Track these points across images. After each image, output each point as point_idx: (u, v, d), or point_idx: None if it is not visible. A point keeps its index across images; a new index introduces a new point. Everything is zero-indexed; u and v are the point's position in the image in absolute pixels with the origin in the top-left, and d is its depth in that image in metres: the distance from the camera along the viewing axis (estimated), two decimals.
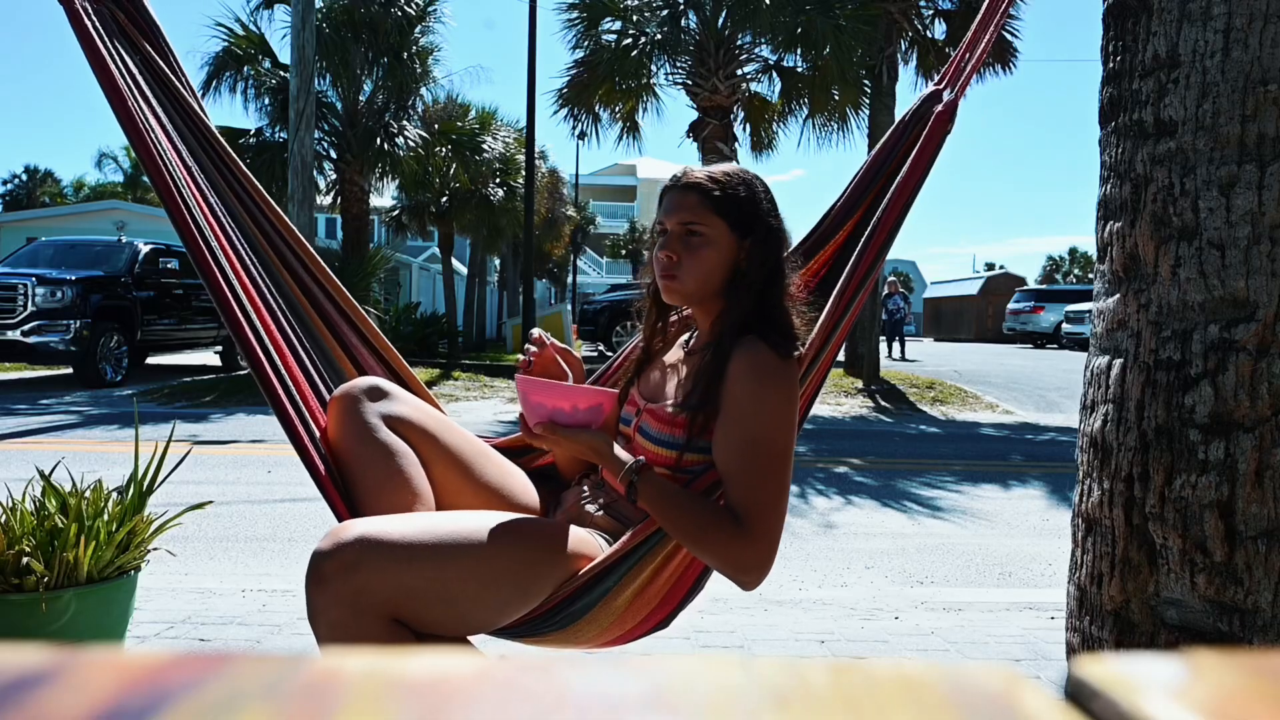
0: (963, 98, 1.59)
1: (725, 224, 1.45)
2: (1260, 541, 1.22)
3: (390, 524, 1.25)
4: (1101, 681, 0.23)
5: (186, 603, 2.78)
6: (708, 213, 1.44)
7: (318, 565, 1.19)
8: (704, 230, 1.44)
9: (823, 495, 4.80)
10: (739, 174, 1.49)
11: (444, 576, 1.24)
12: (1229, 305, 1.25)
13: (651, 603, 1.44)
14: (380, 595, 1.20)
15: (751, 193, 1.47)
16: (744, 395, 1.37)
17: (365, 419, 1.46)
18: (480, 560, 1.28)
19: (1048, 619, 2.81)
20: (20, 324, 9.02)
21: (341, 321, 1.79)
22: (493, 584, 1.29)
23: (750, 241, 1.46)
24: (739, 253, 1.46)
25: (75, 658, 0.23)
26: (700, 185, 1.45)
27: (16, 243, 15.30)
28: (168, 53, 1.78)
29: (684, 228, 1.44)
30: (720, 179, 1.45)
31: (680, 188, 1.47)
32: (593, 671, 0.23)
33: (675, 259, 1.44)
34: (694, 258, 1.44)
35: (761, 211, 1.47)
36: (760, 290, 1.46)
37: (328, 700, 0.21)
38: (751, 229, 1.46)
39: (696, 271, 1.44)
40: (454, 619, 1.29)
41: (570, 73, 11.54)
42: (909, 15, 11.27)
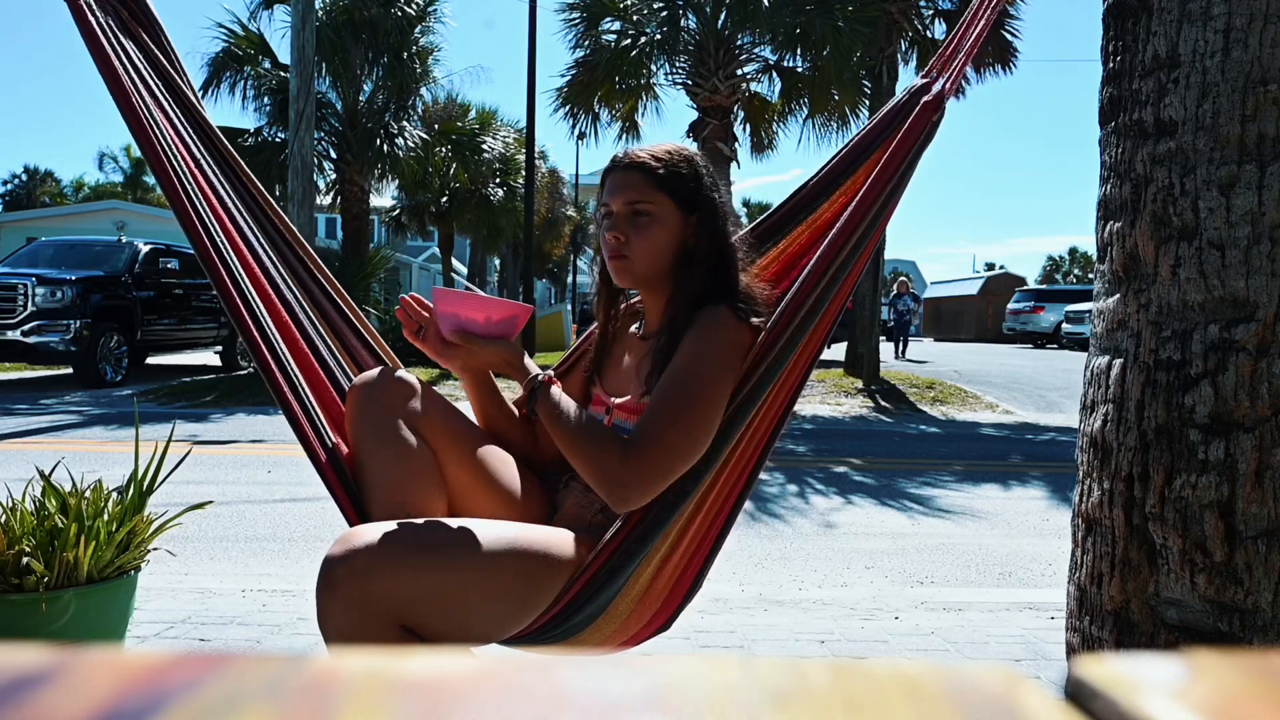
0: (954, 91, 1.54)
1: (671, 201, 1.44)
2: (1260, 541, 1.22)
3: (401, 532, 1.25)
4: (1101, 681, 0.23)
5: (186, 603, 2.78)
6: (653, 191, 1.43)
7: (329, 570, 1.20)
8: (651, 209, 1.43)
9: (823, 495, 4.80)
10: (680, 151, 1.49)
11: (450, 586, 1.25)
12: (1229, 305, 1.25)
13: (654, 606, 1.44)
14: (388, 602, 1.20)
15: (694, 169, 1.47)
16: (687, 340, 1.39)
17: (384, 415, 1.43)
18: (485, 571, 1.28)
19: (1048, 619, 2.80)
20: (20, 324, 9.02)
21: (341, 323, 1.79)
22: (497, 595, 1.29)
23: (697, 218, 1.46)
24: (686, 229, 1.46)
25: (75, 658, 0.23)
26: (644, 164, 1.44)
27: (16, 243, 15.30)
28: (169, 50, 1.79)
29: (630, 207, 1.44)
30: (663, 157, 1.45)
31: (623, 168, 1.46)
32: (593, 671, 0.23)
33: (624, 239, 1.44)
34: (643, 237, 1.43)
35: (705, 187, 1.47)
36: (713, 267, 1.46)
37: (328, 700, 0.21)
38: (697, 205, 1.46)
39: (646, 251, 1.44)
40: (458, 627, 1.29)
41: (570, 73, 11.54)
42: (909, 15, 11.28)
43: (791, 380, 1.46)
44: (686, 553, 1.42)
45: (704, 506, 1.39)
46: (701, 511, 1.39)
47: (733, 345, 1.38)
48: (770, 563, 3.42)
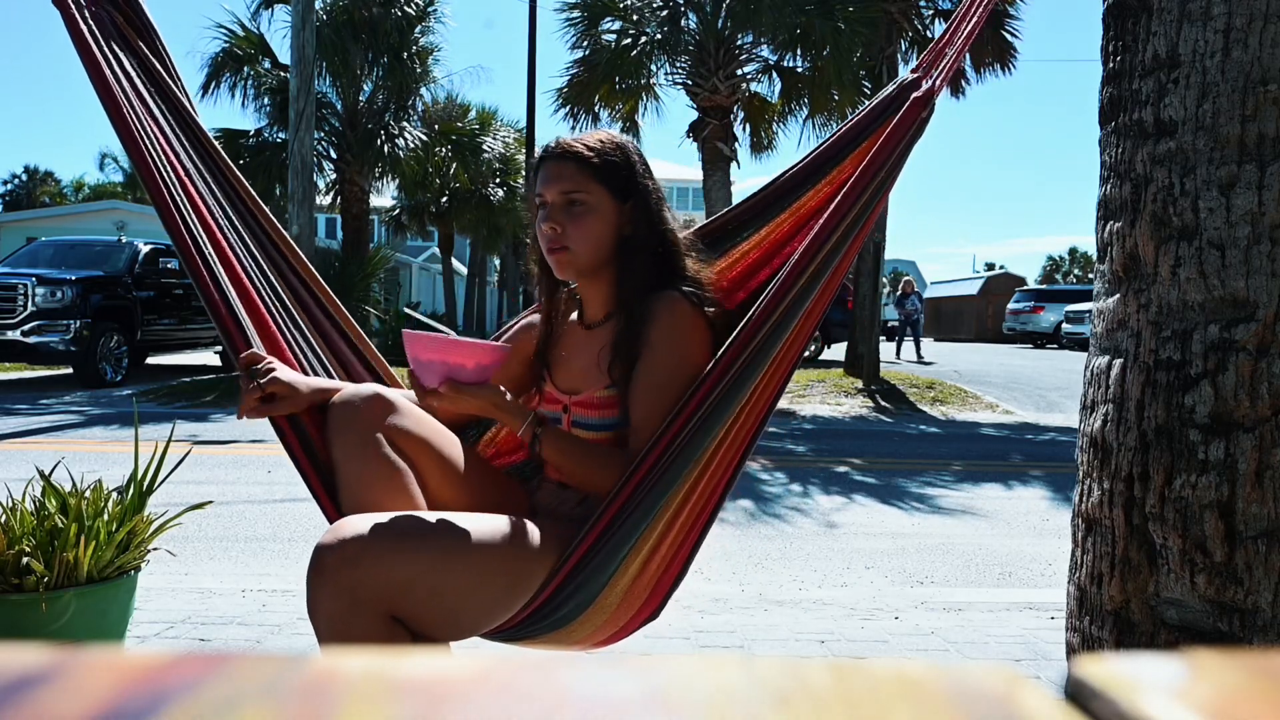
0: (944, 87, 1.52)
1: (606, 189, 1.44)
2: (1260, 541, 1.22)
3: (391, 522, 1.27)
4: (1101, 681, 0.23)
5: (186, 603, 2.78)
6: (587, 180, 1.43)
7: (319, 558, 1.21)
8: (586, 198, 1.43)
9: (823, 495, 4.80)
10: (613, 139, 1.49)
11: (438, 574, 1.26)
12: (1229, 305, 1.25)
13: (642, 595, 1.44)
14: (378, 589, 1.21)
15: (627, 157, 1.47)
16: (660, 341, 1.40)
17: (367, 434, 1.42)
18: (472, 560, 1.29)
19: (1048, 619, 2.81)
20: (20, 324, 9.02)
21: (332, 330, 1.79)
22: (484, 583, 1.30)
23: (632, 204, 1.46)
24: (622, 217, 1.46)
25: (75, 658, 0.23)
26: (577, 153, 1.44)
27: (16, 243, 15.30)
28: (164, 55, 1.78)
29: (565, 197, 1.44)
30: (595, 146, 1.45)
31: (556, 157, 1.46)
32: (593, 671, 0.23)
33: (560, 230, 1.43)
34: (578, 225, 1.43)
35: (638, 174, 1.47)
36: (654, 252, 1.46)
37: (327, 700, 0.21)
38: (631, 193, 1.46)
39: (584, 240, 1.43)
40: (446, 615, 1.30)
41: (570, 72, 11.53)
42: (909, 15, 11.28)
43: (781, 368, 1.44)
44: (674, 544, 1.42)
45: (691, 498, 1.39)
46: (689, 503, 1.39)
47: (701, 335, 1.43)
48: (770, 563, 3.42)
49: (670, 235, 1.50)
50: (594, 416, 1.47)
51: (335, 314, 1.80)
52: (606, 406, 1.46)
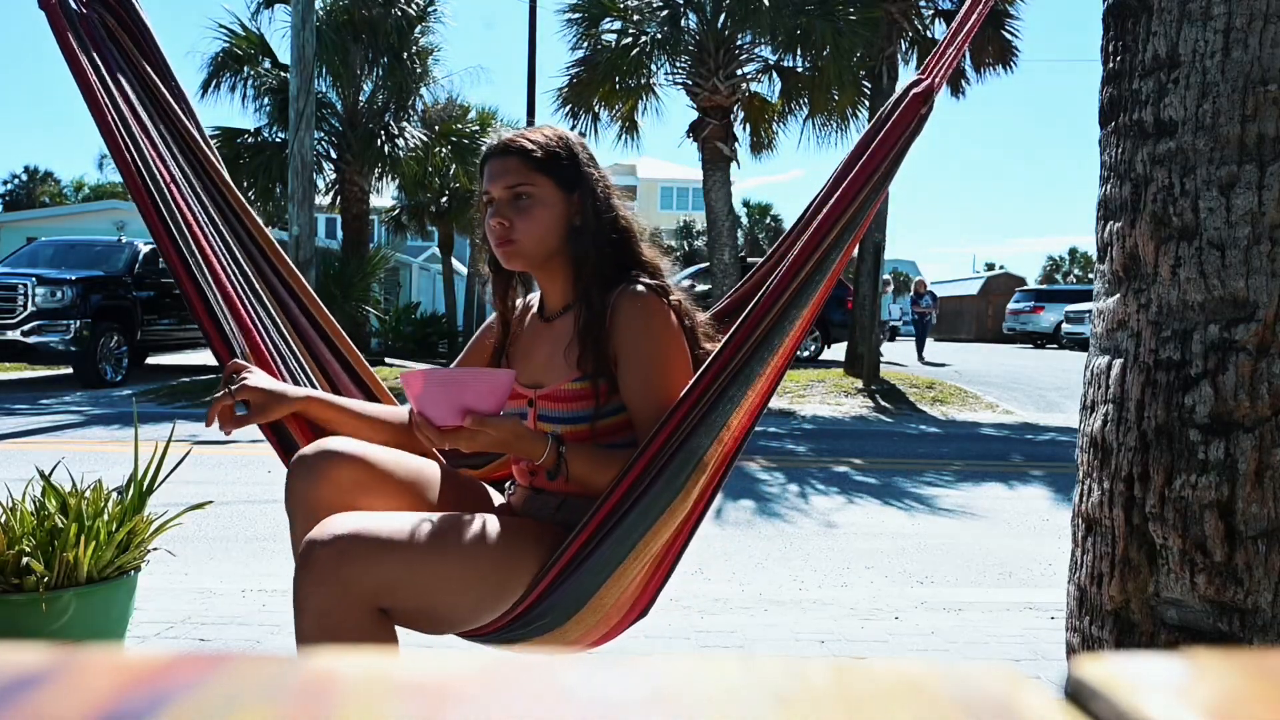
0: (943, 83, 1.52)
1: (551, 181, 1.46)
2: (1260, 541, 1.22)
3: (379, 519, 1.28)
4: (1101, 681, 0.23)
5: (186, 603, 2.78)
6: (532, 173, 1.45)
7: (309, 552, 1.22)
8: (532, 190, 1.45)
9: (823, 495, 4.80)
10: (555, 132, 1.51)
11: (426, 570, 1.27)
12: (1229, 305, 1.25)
13: (634, 595, 1.44)
14: (365, 585, 1.22)
15: (570, 149, 1.49)
16: (637, 337, 1.42)
17: (318, 506, 1.38)
18: (461, 557, 1.30)
19: (1048, 619, 2.81)
20: (20, 324, 9.02)
21: (316, 336, 1.80)
22: (471, 579, 1.31)
23: (579, 195, 1.47)
24: (570, 208, 1.47)
25: (75, 658, 0.23)
26: (521, 148, 1.45)
27: (16, 243, 15.30)
28: (159, 58, 1.77)
29: (511, 191, 1.45)
30: (538, 139, 1.47)
31: (500, 154, 1.47)
32: (593, 671, 0.23)
33: (508, 224, 1.45)
34: (526, 219, 1.45)
35: (583, 164, 1.49)
36: (605, 241, 1.47)
37: (327, 700, 0.21)
38: (577, 183, 1.47)
39: (532, 231, 1.45)
40: (434, 612, 1.31)
41: (570, 73, 11.53)
42: (909, 15, 11.28)
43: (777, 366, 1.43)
44: (667, 544, 1.42)
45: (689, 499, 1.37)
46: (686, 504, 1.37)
47: (673, 323, 1.45)
48: (770, 563, 3.42)
49: (622, 222, 1.51)
50: (560, 410, 1.46)
51: (319, 318, 1.81)
52: (574, 399, 1.45)
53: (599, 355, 1.43)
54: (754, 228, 47.65)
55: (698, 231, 39.06)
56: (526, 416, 1.50)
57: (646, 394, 1.41)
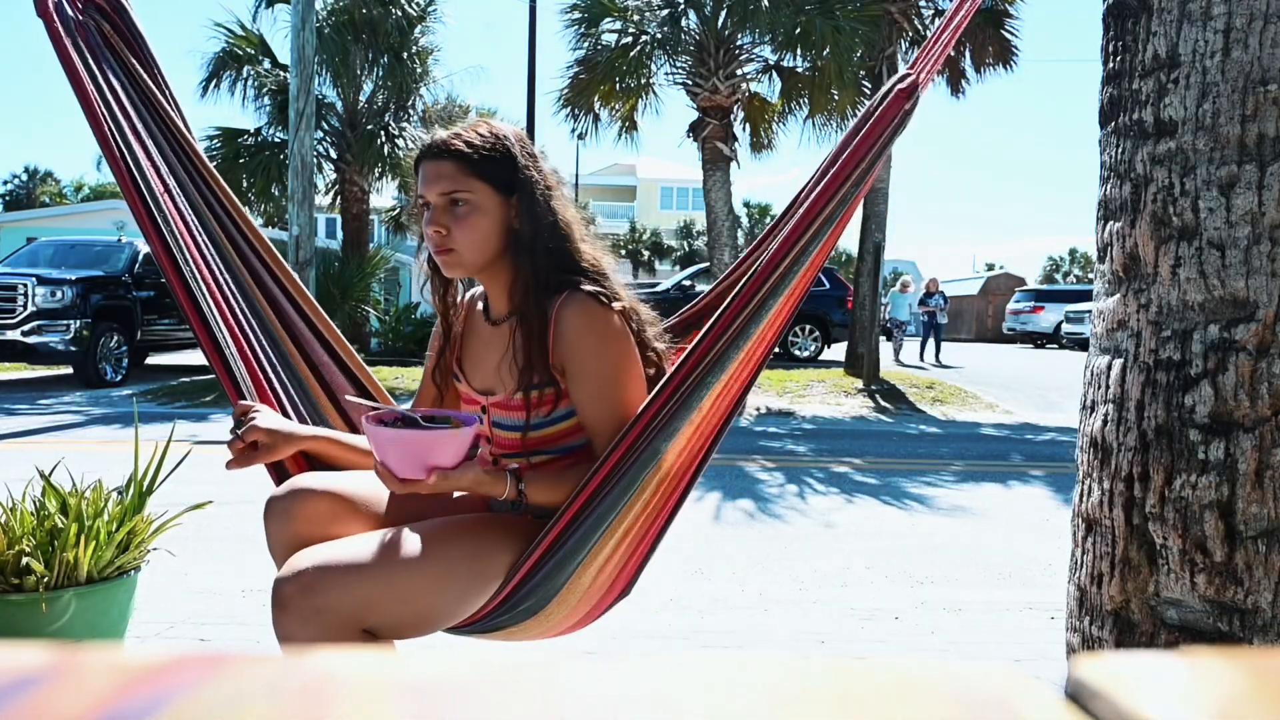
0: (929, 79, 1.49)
1: (488, 186, 1.41)
2: (1260, 541, 1.22)
3: (342, 545, 1.29)
4: (1101, 681, 0.23)
5: (186, 603, 2.78)
6: (467, 178, 1.40)
7: (279, 591, 1.24)
8: (467, 197, 1.40)
9: (823, 495, 4.80)
10: (492, 131, 1.45)
11: (399, 581, 1.27)
12: (1229, 305, 1.25)
13: (611, 577, 1.44)
14: (342, 610, 1.23)
15: (507, 150, 1.43)
16: (585, 353, 1.40)
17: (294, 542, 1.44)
18: (431, 560, 1.30)
19: (1048, 619, 2.80)
20: (20, 324, 9.02)
21: (312, 339, 1.82)
22: (447, 576, 1.31)
23: (517, 198, 1.43)
24: (509, 211, 1.43)
25: (75, 658, 0.23)
26: (455, 150, 1.41)
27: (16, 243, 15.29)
28: (152, 64, 1.79)
29: (446, 198, 1.41)
30: (473, 140, 1.42)
31: (433, 157, 1.42)
32: (593, 671, 0.23)
33: (445, 232, 1.41)
34: (463, 227, 1.41)
35: (521, 167, 1.43)
36: (547, 244, 1.43)
37: (328, 700, 0.21)
38: (515, 185, 1.43)
39: (469, 240, 1.41)
40: (418, 618, 1.31)
41: (570, 73, 11.53)
42: (909, 15, 11.27)
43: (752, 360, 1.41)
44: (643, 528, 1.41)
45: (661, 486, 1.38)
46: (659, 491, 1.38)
47: (618, 332, 1.42)
48: (770, 563, 3.42)
49: (562, 225, 1.47)
50: (511, 418, 1.46)
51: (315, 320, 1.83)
52: (522, 409, 1.45)
53: (542, 367, 1.42)
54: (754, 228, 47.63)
55: (698, 231, 39.08)
56: (481, 421, 1.50)
57: (601, 407, 1.41)
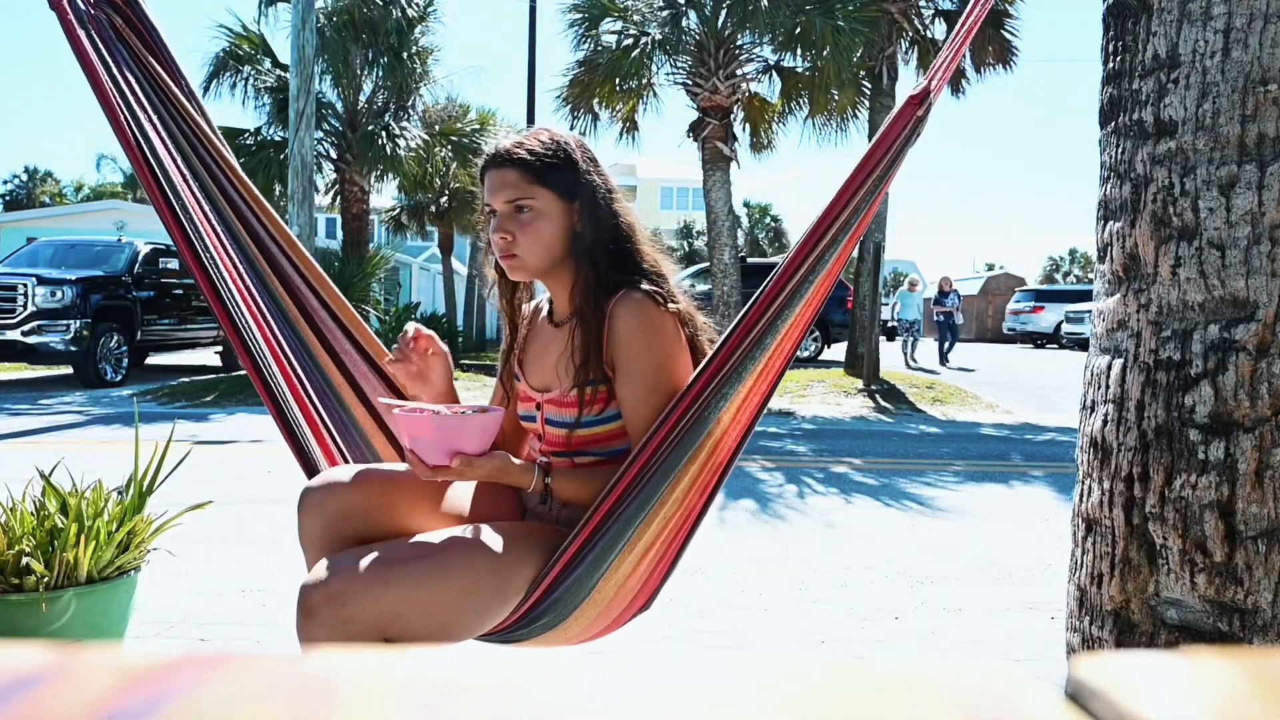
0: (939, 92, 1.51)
1: (551, 192, 1.45)
2: (1260, 541, 1.22)
3: (367, 555, 1.29)
4: (1101, 681, 0.23)
5: (186, 603, 2.78)
6: (531, 185, 1.44)
7: (306, 598, 1.23)
8: (532, 204, 1.44)
9: (822, 495, 4.80)
10: (553, 138, 1.48)
11: (424, 593, 1.28)
12: (1229, 305, 1.25)
13: (634, 589, 1.45)
14: (367, 621, 1.24)
15: (568, 154, 1.47)
16: (635, 351, 1.42)
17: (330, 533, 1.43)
18: (455, 573, 1.31)
19: (1048, 619, 2.81)
20: (20, 324, 9.02)
21: (335, 328, 1.81)
22: (470, 591, 1.32)
23: (579, 203, 1.46)
24: (571, 216, 1.46)
25: (75, 658, 0.23)
26: (518, 159, 1.44)
27: (16, 243, 15.29)
28: (167, 57, 1.78)
29: (511, 205, 1.45)
30: (536, 149, 1.45)
31: (497, 165, 1.46)
32: (593, 671, 0.23)
33: (510, 238, 1.45)
34: (527, 232, 1.44)
35: (582, 172, 1.47)
36: (608, 247, 1.47)
37: (328, 700, 0.21)
38: (577, 190, 1.46)
39: (534, 246, 1.45)
40: (439, 631, 1.32)
41: (571, 73, 11.54)
42: (909, 15, 11.28)
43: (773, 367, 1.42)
44: (666, 540, 1.42)
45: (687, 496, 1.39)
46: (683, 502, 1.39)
47: (673, 333, 1.45)
48: (770, 563, 3.42)
49: (624, 227, 1.50)
50: (563, 414, 1.49)
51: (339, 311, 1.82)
52: (574, 406, 1.47)
53: (597, 364, 1.44)
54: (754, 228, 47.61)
55: (697, 231, 39.06)
56: (536, 419, 1.53)
57: (642, 406, 1.42)
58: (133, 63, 1.71)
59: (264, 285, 1.75)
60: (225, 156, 1.78)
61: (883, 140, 1.40)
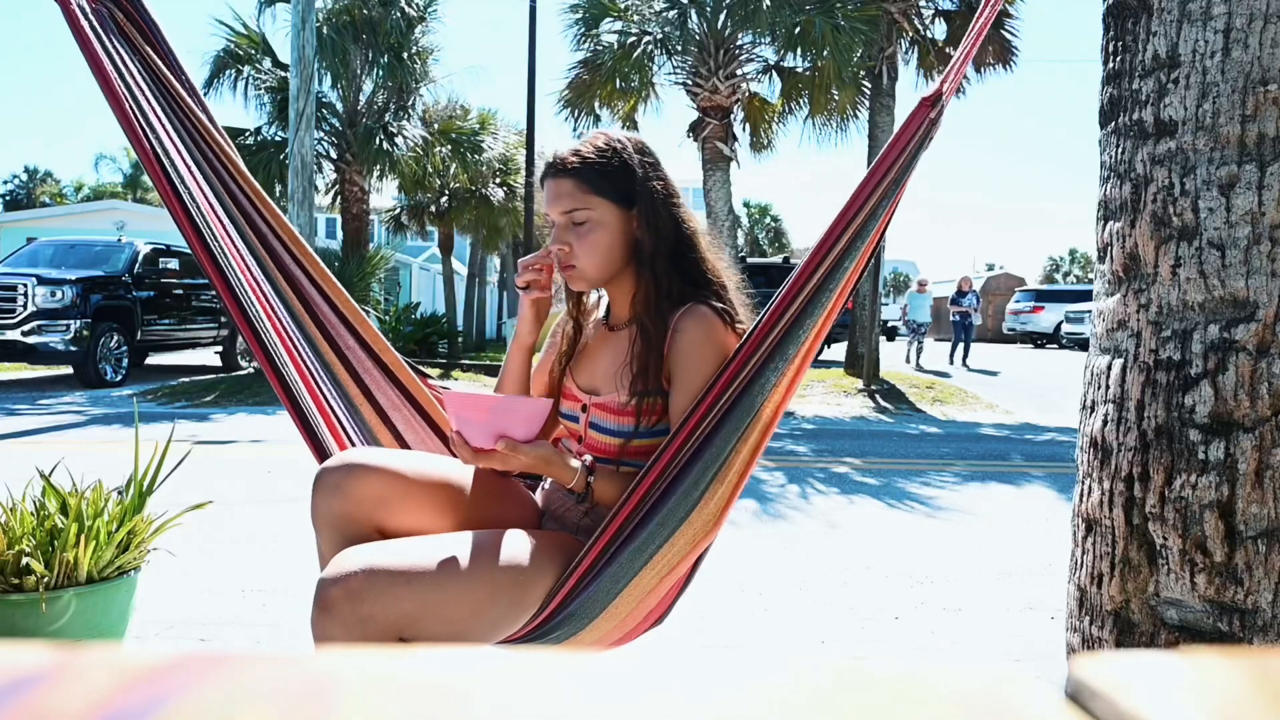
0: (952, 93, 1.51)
1: (608, 201, 1.43)
2: (1260, 541, 1.22)
3: (390, 552, 1.26)
4: (1101, 681, 0.23)
5: (186, 603, 2.78)
6: (587, 195, 1.42)
7: (324, 593, 1.20)
8: (588, 214, 1.42)
9: (823, 495, 4.80)
10: (608, 145, 1.45)
11: (443, 599, 1.25)
12: (1229, 305, 1.25)
13: (652, 603, 1.44)
14: (384, 621, 1.22)
15: (624, 161, 1.44)
16: (692, 366, 1.41)
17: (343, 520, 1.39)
18: (476, 579, 1.29)
19: (1048, 619, 2.80)
20: (20, 324, 9.02)
21: (340, 325, 1.81)
22: (489, 600, 1.30)
23: (638, 210, 1.44)
24: (630, 224, 1.45)
25: (75, 658, 0.23)
26: (573, 168, 1.43)
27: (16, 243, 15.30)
28: (167, 52, 1.78)
29: (568, 216, 1.43)
30: (591, 157, 1.43)
31: (554, 175, 1.44)
32: (593, 672, 0.23)
33: (568, 248, 1.44)
34: (585, 243, 1.43)
35: (639, 178, 1.44)
36: (669, 253, 1.45)
37: (328, 700, 0.21)
38: (635, 198, 1.44)
39: (592, 256, 1.43)
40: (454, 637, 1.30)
41: (571, 73, 11.54)
42: (909, 15, 11.27)
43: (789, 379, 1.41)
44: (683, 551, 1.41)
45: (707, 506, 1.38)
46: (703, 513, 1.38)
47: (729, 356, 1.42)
48: (770, 563, 3.42)
49: (686, 234, 1.48)
50: (611, 421, 1.47)
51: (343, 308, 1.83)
52: (629, 414, 1.46)
53: (655, 376, 1.43)
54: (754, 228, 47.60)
55: None
56: (579, 419, 1.51)
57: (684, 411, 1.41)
58: (134, 56, 1.71)
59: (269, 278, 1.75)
60: (228, 150, 1.78)
61: (896, 143, 1.39)
